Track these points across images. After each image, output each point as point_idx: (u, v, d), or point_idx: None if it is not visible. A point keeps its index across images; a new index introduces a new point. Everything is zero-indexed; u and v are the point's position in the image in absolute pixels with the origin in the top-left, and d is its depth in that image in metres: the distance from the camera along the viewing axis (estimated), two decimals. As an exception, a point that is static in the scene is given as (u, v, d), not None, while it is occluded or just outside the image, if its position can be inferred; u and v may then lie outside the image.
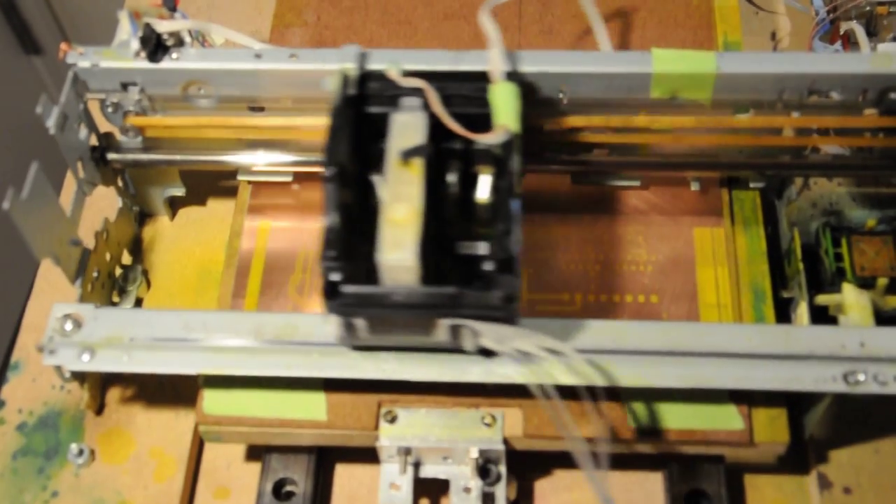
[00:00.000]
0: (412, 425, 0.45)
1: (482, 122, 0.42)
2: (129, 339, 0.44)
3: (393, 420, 0.45)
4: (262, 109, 0.51)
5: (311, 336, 0.43)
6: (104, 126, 0.51)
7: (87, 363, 0.43)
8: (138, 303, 0.53)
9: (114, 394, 0.50)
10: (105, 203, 0.54)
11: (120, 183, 0.54)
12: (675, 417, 0.44)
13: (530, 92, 0.47)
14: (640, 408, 0.44)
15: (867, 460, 0.47)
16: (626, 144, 0.50)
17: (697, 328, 0.43)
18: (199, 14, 0.64)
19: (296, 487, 0.46)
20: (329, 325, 0.41)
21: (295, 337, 0.44)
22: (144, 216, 0.56)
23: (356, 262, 0.39)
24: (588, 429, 0.44)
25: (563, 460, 0.47)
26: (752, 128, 0.49)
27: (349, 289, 0.39)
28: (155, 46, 0.49)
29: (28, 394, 0.51)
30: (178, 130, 0.51)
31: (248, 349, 0.43)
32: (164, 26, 0.49)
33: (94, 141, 0.51)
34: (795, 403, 0.46)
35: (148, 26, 0.48)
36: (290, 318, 0.44)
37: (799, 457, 0.47)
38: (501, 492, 0.45)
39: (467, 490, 0.45)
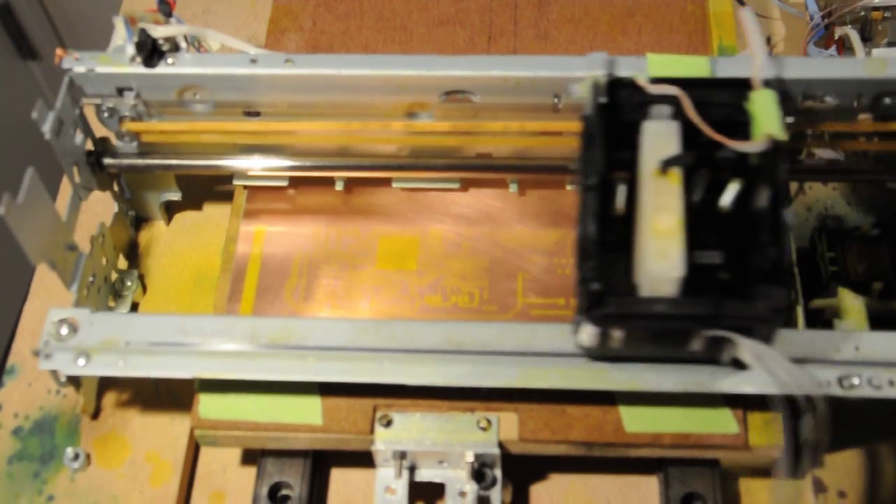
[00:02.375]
0: (407, 429, 0.45)
1: (731, 129, 0.41)
2: (125, 344, 0.44)
3: (388, 424, 0.45)
4: (257, 114, 0.51)
5: (306, 340, 0.44)
6: (100, 131, 0.52)
7: (82, 367, 0.43)
8: (134, 307, 0.53)
9: (109, 398, 0.50)
10: (101, 208, 0.54)
11: (116, 188, 0.54)
12: (670, 421, 0.44)
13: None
14: (635, 411, 0.44)
15: (862, 464, 0.47)
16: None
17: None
18: (195, 19, 0.64)
19: (291, 491, 0.46)
20: (581, 336, 0.41)
21: (290, 341, 0.44)
22: (140, 221, 0.57)
23: (611, 273, 0.39)
24: (581, 432, 0.44)
25: (559, 464, 0.47)
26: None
27: (613, 299, 0.39)
28: (150, 51, 0.49)
29: (24, 398, 0.51)
30: (174, 135, 0.51)
31: (243, 353, 0.43)
32: (159, 31, 0.49)
33: (89, 146, 0.51)
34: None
35: (143, 31, 0.49)
36: (285, 323, 0.44)
37: (794, 460, 0.47)
38: (497, 495, 0.45)
39: (463, 494, 0.45)
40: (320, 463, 0.48)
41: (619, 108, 0.43)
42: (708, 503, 0.45)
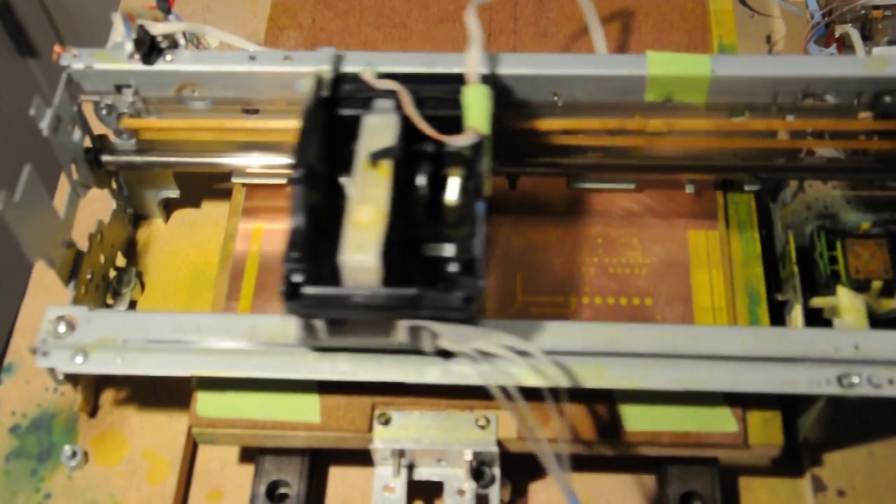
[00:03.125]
0: (406, 427, 0.44)
1: (455, 124, 0.42)
2: (123, 342, 0.43)
3: (387, 422, 0.45)
4: (256, 112, 0.51)
5: (304, 338, 0.43)
6: (98, 128, 0.51)
7: (80, 365, 0.43)
8: (132, 305, 0.53)
9: (107, 396, 0.50)
10: (99, 205, 0.54)
11: (114, 185, 0.53)
12: (669, 420, 0.44)
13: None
14: (634, 410, 0.44)
15: (861, 463, 0.47)
16: (620, 147, 0.50)
17: (692, 331, 0.43)
18: (193, 16, 0.64)
19: (289, 490, 0.46)
20: (289, 327, 0.41)
21: (288, 339, 0.43)
22: (138, 218, 0.56)
23: (322, 264, 0.39)
24: (579, 431, 0.44)
25: (558, 463, 0.47)
26: (747, 131, 0.49)
27: (310, 290, 0.39)
28: (149, 48, 0.49)
29: (21, 396, 0.50)
30: (172, 133, 0.51)
31: (241, 351, 0.43)
32: (158, 28, 0.49)
33: (88, 143, 0.51)
34: (790, 406, 0.46)
35: (142, 28, 0.48)
36: (283, 321, 0.44)
37: (793, 459, 0.47)
38: (495, 494, 0.44)
39: (461, 492, 0.45)
40: (318, 461, 0.48)
41: (343, 103, 0.44)
42: (707, 502, 0.45)
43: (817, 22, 0.57)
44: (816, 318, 0.47)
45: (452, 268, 0.42)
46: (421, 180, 0.43)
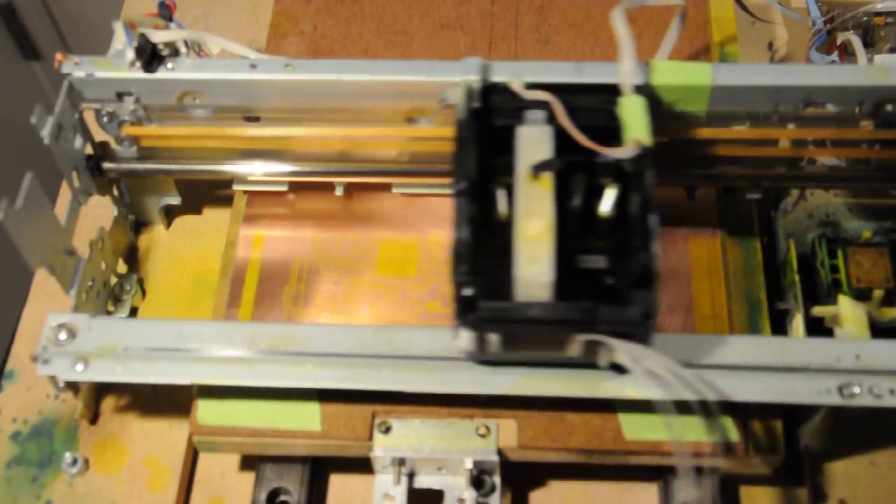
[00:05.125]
0: (406, 436, 0.44)
1: (607, 135, 0.41)
2: (124, 349, 0.43)
3: (387, 431, 0.45)
4: (257, 119, 0.51)
5: (305, 346, 0.43)
6: (100, 135, 0.51)
7: (80, 373, 0.43)
8: (133, 312, 0.53)
9: (108, 403, 0.50)
10: (100, 212, 0.54)
11: (115, 192, 0.54)
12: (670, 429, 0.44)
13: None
14: (635, 419, 0.44)
15: (862, 472, 0.47)
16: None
17: (693, 340, 0.43)
18: (195, 24, 0.64)
19: (290, 497, 0.46)
20: (459, 341, 0.41)
21: (289, 347, 0.43)
22: (140, 225, 0.56)
23: (482, 276, 0.39)
24: (580, 440, 0.44)
25: (558, 471, 0.47)
26: (748, 139, 0.49)
27: (485, 304, 0.39)
28: (150, 56, 0.49)
29: (22, 403, 0.51)
30: (173, 140, 0.51)
31: (242, 359, 0.43)
32: (159, 36, 0.49)
33: (89, 150, 0.51)
34: (791, 415, 0.46)
35: (143, 36, 0.49)
36: (284, 329, 0.44)
37: (794, 469, 0.47)
38: (496, 503, 0.44)
39: (461, 501, 0.45)
40: (319, 469, 0.48)
41: (494, 113, 0.44)
42: (707, 511, 0.45)
43: (819, 29, 0.57)
44: (818, 327, 0.47)
45: (608, 280, 0.41)
46: (576, 192, 0.42)
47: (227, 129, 0.51)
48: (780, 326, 0.48)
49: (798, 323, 0.47)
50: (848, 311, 0.46)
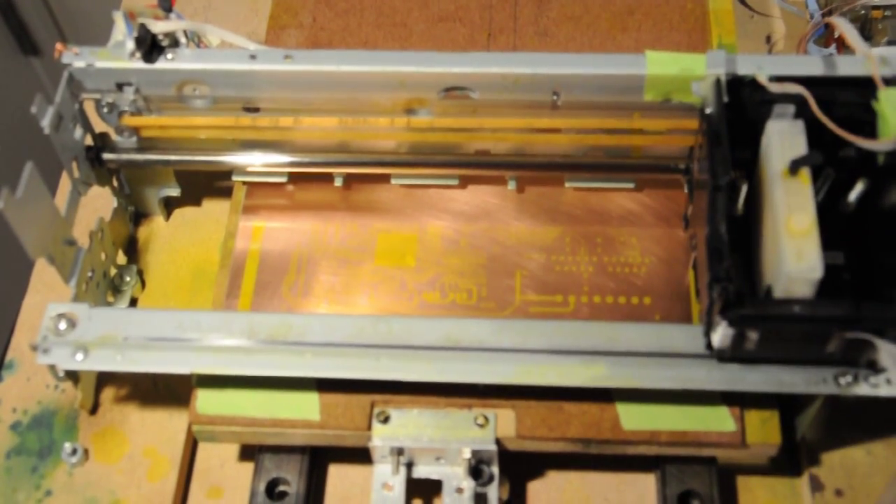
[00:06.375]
0: (405, 426, 0.45)
1: (856, 129, 0.41)
2: (123, 339, 0.44)
3: (385, 420, 0.45)
4: (257, 110, 0.51)
5: (304, 336, 0.44)
6: (99, 126, 0.52)
7: (80, 362, 0.43)
8: (133, 303, 0.53)
9: (108, 393, 0.50)
10: (100, 203, 0.54)
11: (115, 183, 0.54)
12: (667, 419, 0.44)
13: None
14: (632, 409, 0.44)
15: (859, 462, 0.47)
16: (619, 146, 0.50)
17: (690, 330, 0.43)
18: (195, 15, 0.64)
19: (289, 487, 0.47)
20: (716, 336, 0.41)
21: (288, 337, 0.44)
22: (139, 216, 0.57)
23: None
24: (578, 429, 0.44)
25: (556, 461, 0.47)
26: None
27: (750, 301, 0.39)
28: (150, 47, 0.49)
29: (22, 393, 0.51)
30: (173, 131, 0.51)
31: (241, 349, 0.43)
32: (159, 27, 0.49)
33: (89, 141, 0.51)
34: (787, 405, 0.46)
35: (143, 27, 0.49)
36: (283, 318, 0.44)
37: (791, 459, 0.47)
38: (494, 492, 0.45)
39: (460, 490, 0.45)
40: (318, 459, 0.48)
41: (742, 108, 0.43)
42: (705, 501, 0.45)
43: (817, 22, 0.57)
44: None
45: (845, 276, 0.41)
46: (822, 187, 0.42)
47: (227, 120, 0.51)
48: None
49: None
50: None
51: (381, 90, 0.49)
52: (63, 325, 0.44)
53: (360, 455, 0.46)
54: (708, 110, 0.44)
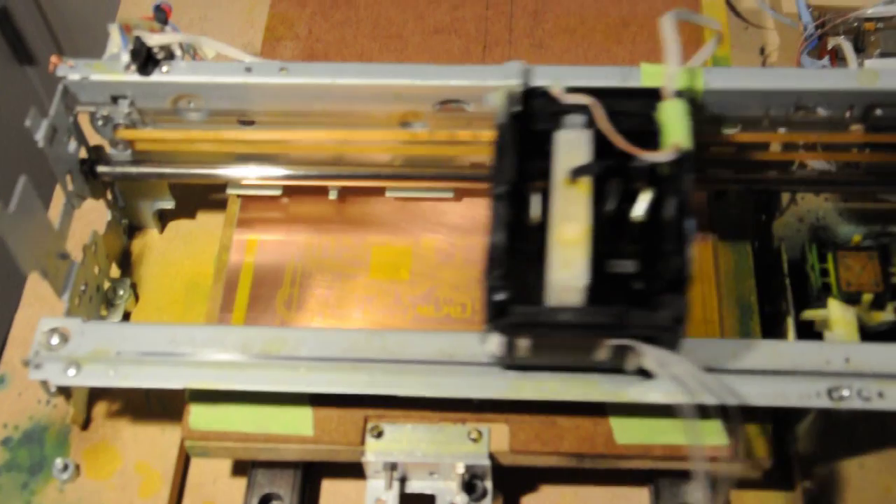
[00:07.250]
0: (398, 440, 0.45)
1: (646, 139, 0.41)
2: (116, 354, 0.43)
3: (379, 435, 0.45)
4: (251, 123, 0.51)
5: (298, 350, 0.43)
6: (94, 139, 0.52)
7: (72, 378, 0.43)
8: (126, 316, 0.53)
9: (100, 408, 0.50)
10: (94, 216, 0.54)
11: (109, 196, 0.54)
12: (660, 433, 0.44)
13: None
14: (625, 423, 0.44)
15: (852, 476, 0.47)
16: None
17: (684, 344, 0.43)
18: (190, 27, 0.64)
19: (282, 503, 0.46)
20: (489, 345, 0.41)
21: (282, 351, 0.44)
22: (133, 229, 0.56)
23: (514, 281, 0.39)
24: (571, 444, 0.44)
25: (549, 476, 0.47)
26: (740, 143, 0.49)
27: (517, 308, 0.39)
28: (145, 59, 0.49)
29: (13, 408, 0.50)
30: (167, 144, 0.51)
31: (235, 364, 0.43)
32: (154, 39, 0.49)
33: (83, 154, 0.51)
34: (781, 419, 0.46)
35: (138, 39, 0.49)
36: (277, 333, 0.44)
37: (784, 472, 0.47)
38: (487, 507, 0.45)
39: (453, 505, 0.45)
40: (311, 474, 0.48)
41: (534, 118, 0.44)
42: (699, 515, 0.45)
43: (810, 34, 0.57)
44: (808, 331, 0.47)
45: (637, 285, 0.41)
46: (610, 197, 0.42)
47: (222, 133, 0.51)
48: (770, 330, 0.49)
49: (788, 326, 0.47)
50: (838, 315, 0.46)
51: (377, 102, 0.49)
52: (55, 340, 0.44)
53: (354, 470, 0.46)
54: (499, 121, 0.44)
